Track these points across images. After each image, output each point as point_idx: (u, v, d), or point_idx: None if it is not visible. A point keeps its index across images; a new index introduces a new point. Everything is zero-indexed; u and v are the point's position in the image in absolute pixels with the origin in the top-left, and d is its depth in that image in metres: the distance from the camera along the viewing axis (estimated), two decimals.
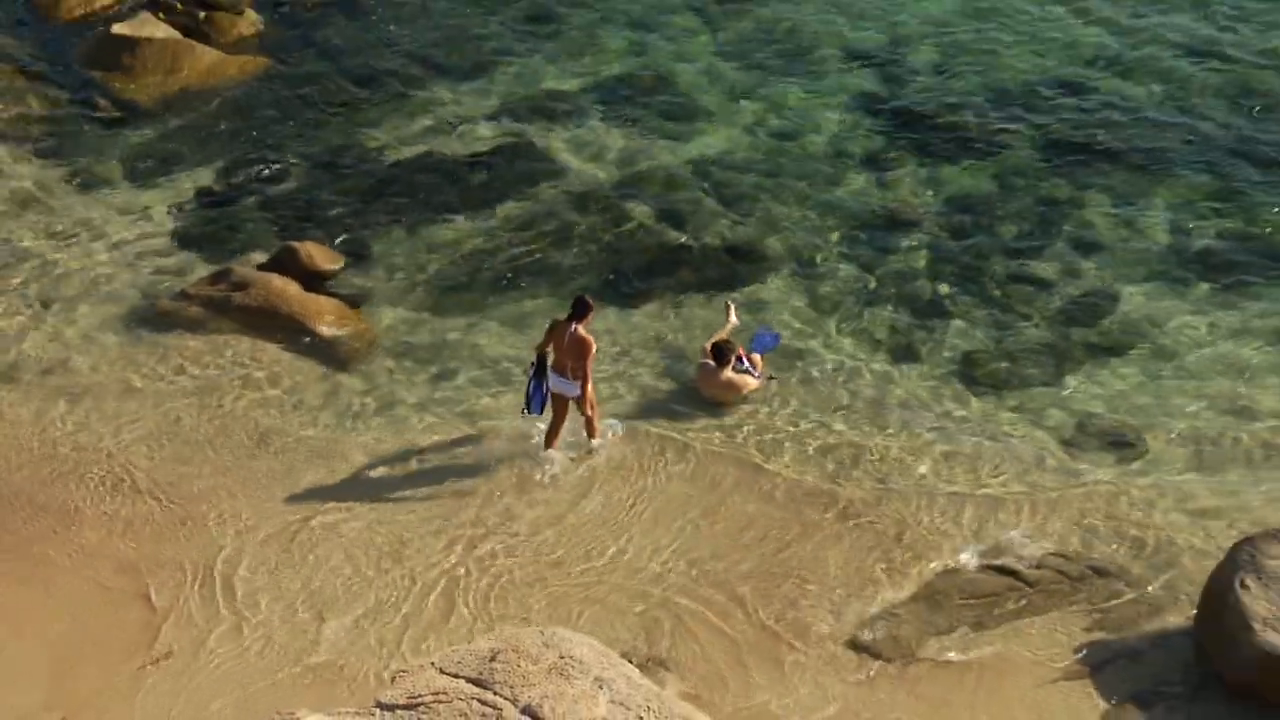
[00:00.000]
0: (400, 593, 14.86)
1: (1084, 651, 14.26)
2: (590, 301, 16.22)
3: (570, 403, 16.28)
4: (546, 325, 16.50)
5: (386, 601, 14.76)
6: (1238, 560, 13.99)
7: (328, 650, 14.22)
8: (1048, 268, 19.15)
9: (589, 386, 16.12)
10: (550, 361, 16.19)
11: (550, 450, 16.42)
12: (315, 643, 14.30)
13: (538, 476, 16.20)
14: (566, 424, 16.44)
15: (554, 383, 16.19)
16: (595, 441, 16.52)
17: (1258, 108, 21.61)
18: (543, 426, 16.48)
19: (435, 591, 14.86)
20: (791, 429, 16.96)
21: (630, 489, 16.12)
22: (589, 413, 16.39)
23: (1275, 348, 17.90)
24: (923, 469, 16.41)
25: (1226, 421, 16.95)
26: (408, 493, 16.14)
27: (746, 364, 17.27)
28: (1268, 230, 19.55)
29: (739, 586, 14.95)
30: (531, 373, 16.27)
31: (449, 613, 14.59)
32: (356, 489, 16.16)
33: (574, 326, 15.97)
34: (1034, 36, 23.38)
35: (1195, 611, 14.30)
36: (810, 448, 16.67)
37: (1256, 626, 13.46)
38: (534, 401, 16.26)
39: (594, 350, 16.04)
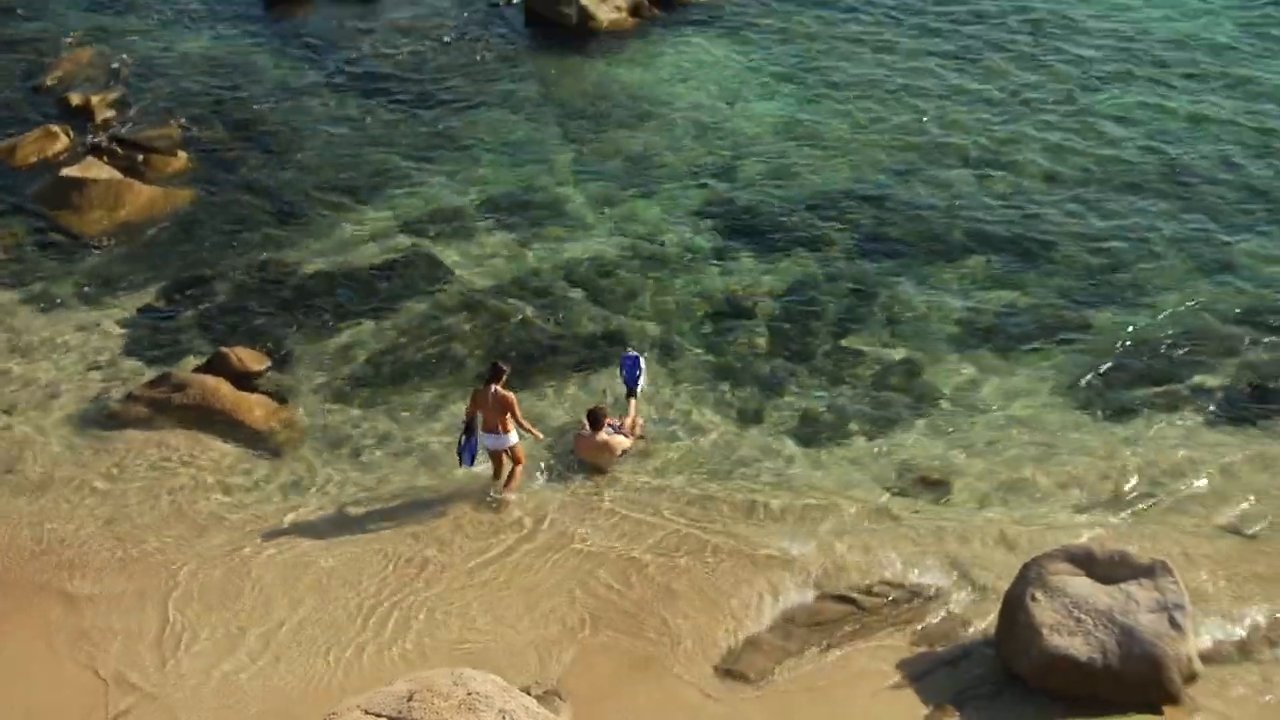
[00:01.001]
0: (332, 641, 14.76)
1: (910, 664, 14.36)
2: (503, 366, 16.68)
3: (504, 453, 16.67)
4: (470, 393, 16.91)
5: (321, 647, 14.68)
6: (1028, 577, 14.22)
7: (269, 696, 14.07)
8: (864, 342, 19.40)
9: (528, 427, 16.66)
10: (481, 423, 16.49)
11: (506, 494, 16.75)
12: (256, 688, 14.15)
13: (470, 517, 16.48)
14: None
15: (488, 441, 16.57)
16: (511, 496, 16.70)
17: (1022, 206, 22.07)
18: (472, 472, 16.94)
19: (364, 644, 14.77)
20: (659, 484, 17.03)
21: (524, 542, 16.16)
22: (518, 466, 16.71)
23: (1049, 401, 18.27)
24: (772, 517, 16.49)
25: (1015, 463, 17.23)
26: (332, 554, 15.99)
27: (619, 428, 17.42)
28: (1034, 306, 19.93)
29: (623, 623, 14.96)
30: (463, 432, 16.57)
31: (377, 658, 14.51)
32: (285, 556, 16.01)
33: (493, 388, 16.36)
34: (842, 152, 23.72)
35: (998, 622, 14.45)
36: (677, 501, 16.74)
37: (1045, 632, 13.73)
38: (464, 455, 16.62)
39: (516, 402, 16.47)
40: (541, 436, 17.12)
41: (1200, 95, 24.89)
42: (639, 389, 18.07)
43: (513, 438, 16.61)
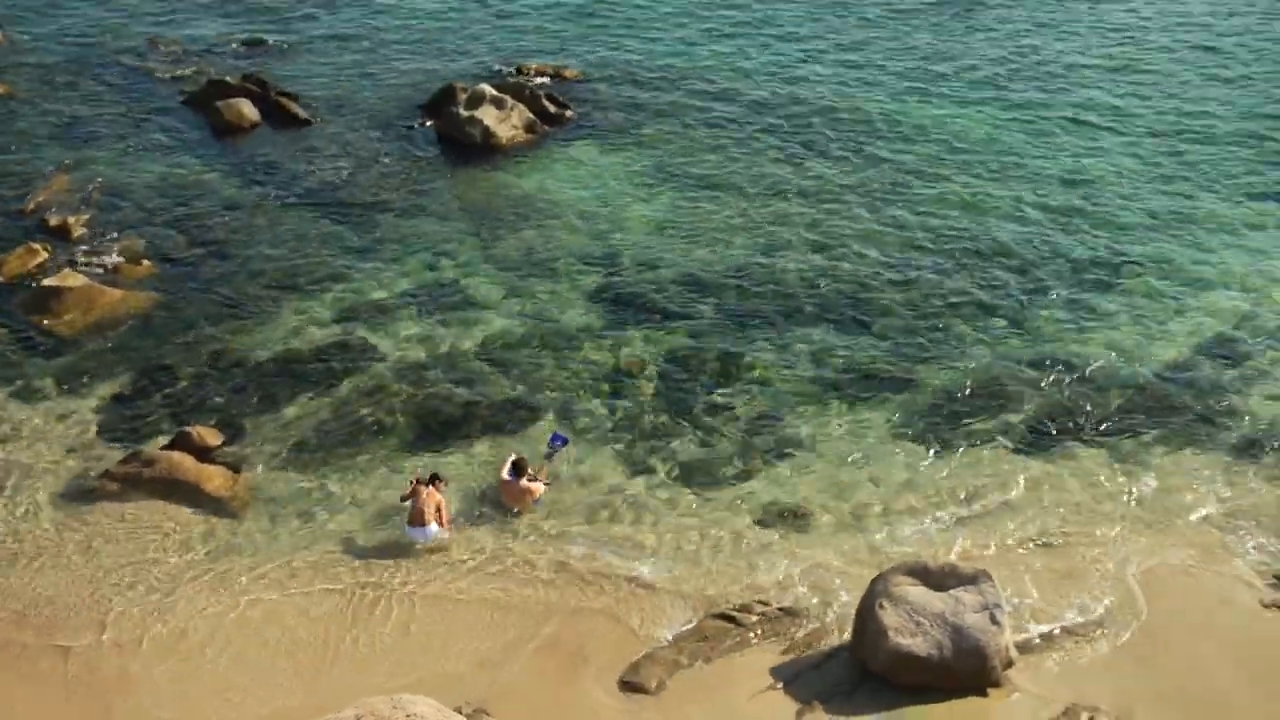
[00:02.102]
0: (289, 673, 14.43)
1: (781, 669, 14.43)
2: (441, 476, 16.89)
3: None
4: (410, 482, 16.95)
5: (279, 679, 14.32)
6: (876, 589, 14.43)
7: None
8: (733, 399, 19.49)
9: (446, 521, 16.52)
10: (410, 516, 16.45)
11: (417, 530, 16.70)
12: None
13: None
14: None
15: (413, 534, 16.45)
16: (446, 534, 16.66)
17: (857, 281, 22.38)
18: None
19: (317, 673, 14.44)
20: (566, 524, 16.91)
21: (453, 580, 15.97)
22: (447, 524, 16.59)
23: (888, 440, 18.51)
24: (661, 549, 16.47)
25: (862, 494, 17.39)
26: (286, 599, 15.69)
27: (534, 477, 17.35)
28: (871, 362, 20.20)
29: (539, 646, 14.82)
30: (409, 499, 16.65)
31: (327, 685, 14.11)
32: (245, 603, 15.64)
33: (429, 488, 16.48)
34: (708, 239, 23.95)
35: (852, 629, 14.58)
36: (583, 538, 16.65)
37: (891, 634, 13.92)
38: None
39: (446, 505, 16.62)
40: (451, 539, 16.69)
41: (990, 185, 25.73)
42: (554, 457, 18.01)
43: (433, 530, 16.50)
